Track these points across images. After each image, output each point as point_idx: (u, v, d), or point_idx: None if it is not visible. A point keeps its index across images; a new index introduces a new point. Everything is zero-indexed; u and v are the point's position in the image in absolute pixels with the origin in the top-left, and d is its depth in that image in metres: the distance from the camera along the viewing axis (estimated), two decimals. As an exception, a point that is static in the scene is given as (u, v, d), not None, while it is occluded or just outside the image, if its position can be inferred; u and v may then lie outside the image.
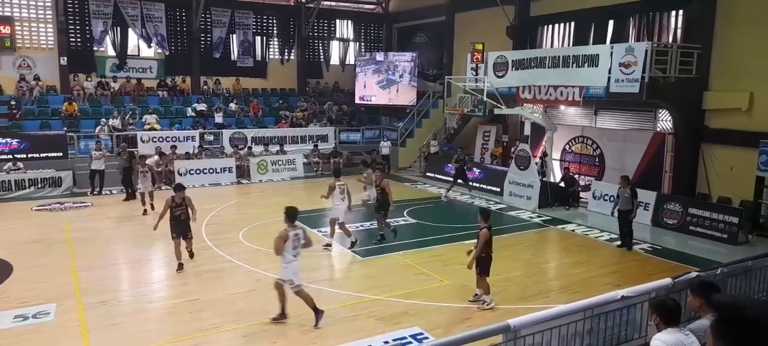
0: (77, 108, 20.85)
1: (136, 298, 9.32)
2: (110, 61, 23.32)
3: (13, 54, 21.23)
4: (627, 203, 12.23)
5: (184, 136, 21.04)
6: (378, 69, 26.20)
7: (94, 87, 22.58)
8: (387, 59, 26.26)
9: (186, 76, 24.80)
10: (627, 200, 12.23)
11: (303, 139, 23.34)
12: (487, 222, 8.82)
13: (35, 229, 13.38)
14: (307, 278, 9.87)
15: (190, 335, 7.76)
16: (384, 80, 25.96)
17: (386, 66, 26.00)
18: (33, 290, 9.25)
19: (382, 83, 26.04)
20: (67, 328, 7.92)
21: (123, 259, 11.63)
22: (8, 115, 19.82)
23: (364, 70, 26.67)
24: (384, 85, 25.98)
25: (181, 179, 19.20)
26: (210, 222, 14.13)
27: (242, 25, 25.81)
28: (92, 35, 22.61)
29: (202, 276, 10.17)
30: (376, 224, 12.84)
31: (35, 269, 10.37)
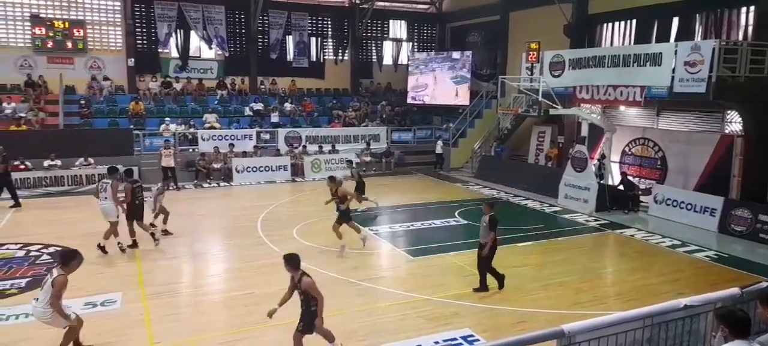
0: (143, 107, 21.90)
1: (195, 290, 9.71)
2: (173, 62, 24.35)
3: (85, 56, 22.52)
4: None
5: (242, 134, 21.72)
6: (430, 68, 26.12)
7: (158, 87, 23.64)
8: (440, 59, 26.13)
9: (244, 77, 25.56)
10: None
11: (355, 138, 23.58)
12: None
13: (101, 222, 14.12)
14: (359, 276, 10.01)
15: (246, 327, 8.01)
16: (437, 80, 25.86)
17: (439, 65, 25.88)
18: (101, 280, 9.78)
19: (434, 83, 25.95)
20: (131, 316, 8.33)
21: (184, 252, 12.10)
22: (80, 113, 21.05)
23: (417, 70, 26.65)
24: (436, 85, 25.88)
25: (239, 176, 19.91)
26: (265, 218, 14.50)
27: (298, 26, 26.35)
28: (157, 37, 23.68)
29: (258, 271, 10.46)
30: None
31: (103, 260, 10.95)
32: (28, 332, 7.68)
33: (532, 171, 20.09)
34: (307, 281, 6.50)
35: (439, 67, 25.81)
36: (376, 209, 15.75)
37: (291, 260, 6.65)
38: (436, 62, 26.07)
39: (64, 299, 8.86)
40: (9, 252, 11.28)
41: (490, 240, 9.16)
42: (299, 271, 6.62)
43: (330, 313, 8.46)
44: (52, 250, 11.43)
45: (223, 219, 15.12)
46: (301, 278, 6.53)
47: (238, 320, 8.31)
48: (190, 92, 23.95)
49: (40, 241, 11.95)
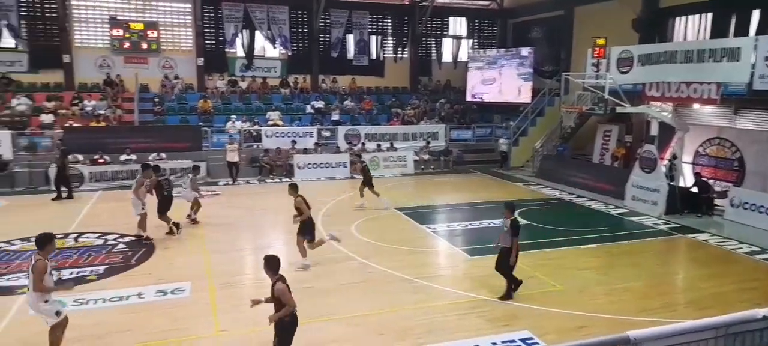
0: (211, 105, 22.83)
1: (258, 282, 10.02)
2: (239, 61, 25.20)
3: (158, 56, 23.67)
4: None
5: (304, 132, 22.23)
6: (491, 66, 25.74)
7: (225, 86, 24.55)
8: (501, 55, 25.69)
9: (306, 75, 26.12)
10: None
11: (414, 136, 23.60)
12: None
13: (174, 213, 14.85)
14: (415, 274, 10.03)
15: (307, 320, 8.16)
16: (497, 77, 25.45)
17: (500, 62, 25.46)
18: (171, 269, 10.31)
19: (494, 80, 25.55)
20: (199, 305, 8.73)
21: (248, 245, 12.53)
22: (153, 110, 22.21)
23: (477, 67, 26.33)
24: (498, 82, 25.47)
25: (300, 172, 20.38)
26: (325, 214, 14.78)
27: (359, 25, 26.64)
28: (225, 38, 24.58)
29: (318, 266, 10.68)
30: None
31: (174, 250, 11.53)
32: (105, 317, 8.20)
33: (596, 171, 19.41)
34: (280, 287, 6.19)
35: (501, 64, 25.39)
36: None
37: (269, 262, 6.36)
38: (498, 59, 25.65)
39: (135, 287, 9.43)
40: (88, 241, 12.07)
41: (514, 247, 8.78)
42: (276, 275, 6.31)
43: (384, 309, 8.59)
44: (127, 239, 12.13)
45: (284, 214, 15.46)
46: (276, 282, 6.22)
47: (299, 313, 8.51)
48: (254, 91, 24.74)
49: (116, 231, 12.70)
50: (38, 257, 6.65)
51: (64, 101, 21.34)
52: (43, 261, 6.63)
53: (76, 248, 11.49)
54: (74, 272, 10.03)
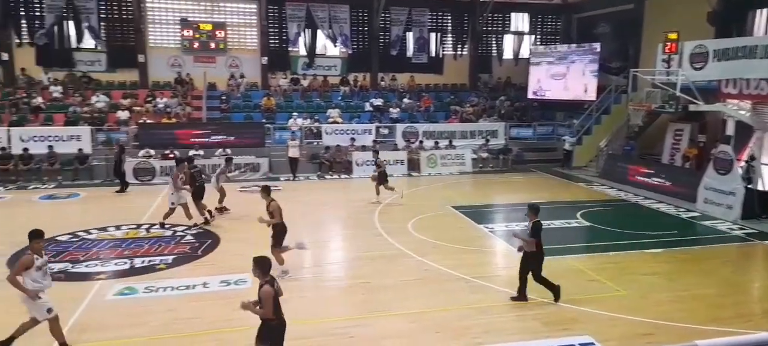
0: (274, 102, 23.50)
1: (317, 275, 10.27)
2: (301, 60, 25.78)
3: (225, 55, 24.61)
4: None
5: (362, 129, 22.49)
6: (554, 62, 25.05)
7: (287, 84, 25.19)
8: (565, 52, 24.94)
9: (365, 73, 26.39)
10: None
11: (472, 134, 23.35)
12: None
13: (239, 207, 15.42)
14: (473, 273, 9.93)
15: (363, 315, 8.33)
16: (560, 74, 24.74)
17: (564, 59, 24.73)
18: (234, 260, 10.70)
19: (558, 77, 24.85)
20: (260, 296, 9.00)
21: (308, 239, 12.79)
22: (220, 107, 23.11)
23: (539, 64, 25.70)
24: (560, 79, 24.76)
25: (358, 169, 20.62)
26: (382, 211, 14.90)
27: (418, 22, 26.62)
28: (288, 37, 25.20)
29: (374, 262, 10.79)
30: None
31: (237, 242, 11.96)
32: (175, 304, 8.62)
33: (666, 172, 18.52)
34: (265, 289, 5.91)
35: (571, 60, 24.62)
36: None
37: (259, 264, 6.07)
38: (561, 55, 24.93)
39: (201, 277, 9.84)
40: (159, 232, 12.72)
41: (533, 246, 8.49)
42: (266, 277, 6.01)
43: (441, 307, 8.56)
44: (194, 231, 12.70)
45: (342, 210, 15.77)
46: (264, 285, 5.94)
47: (355, 307, 8.66)
48: (315, 89, 25.24)
49: (184, 222, 13.30)
50: (27, 252, 6.87)
51: (138, 99, 22.56)
52: (31, 256, 6.74)
53: (147, 238, 12.14)
54: (145, 261, 10.61)
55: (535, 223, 8.52)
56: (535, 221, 8.53)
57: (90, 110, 21.19)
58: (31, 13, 22.29)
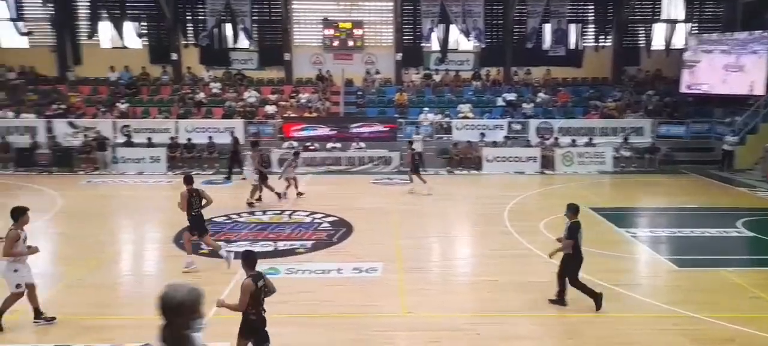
0: (406, 98, 23.99)
1: (444, 270, 10.36)
2: (434, 55, 25.97)
3: (361, 52, 25.61)
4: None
5: (493, 124, 22.11)
6: (715, 52, 22.40)
7: (420, 79, 25.55)
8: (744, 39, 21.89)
9: (499, 68, 25.87)
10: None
11: (614, 131, 21.83)
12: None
13: (371, 198, 16.06)
14: (612, 280, 9.33)
15: (490, 313, 8.25)
16: (724, 66, 22.04)
17: (727, 49, 22.01)
18: (366, 249, 11.16)
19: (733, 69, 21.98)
20: (389, 285, 9.32)
21: (436, 234, 12.97)
22: (356, 102, 24.13)
23: (696, 55, 23.17)
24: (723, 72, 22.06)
25: (488, 165, 20.34)
26: (512, 209, 14.56)
27: (557, 13, 25.43)
28: (421, 33, 25.53)
29: (503, 259, 10.61)
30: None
31: (369, 233, 12.45)
32: (312, 286, 9.23)
33: None
34: (244, 282, 5.89)
35: (728, 51, 21.92)
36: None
37: (246, 258, 6.07)
38: (724, 45, 22.21)
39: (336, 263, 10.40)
40: (299, 218, 13.66)
41: (568, 248, 8.03)
42: (251, 271, 5.96)
43: (573, 313, 8.17)
44: (331, 219, 13.44)
45: (471, 206, 15.68)
46: (247, 279, 5.90)
47: (482, 305, 8.60)
48: (447, 84, 25.30)
49: (322, 210, 14.15)
50: (12, 227, 7.51)
51: (284, 94, 24.35)
52: (16, 232, 7.46)
53: (289, 224, 13.11)
54: (287, 244, 11.47)
55: (573, 223, 8.15)
56: (573, 222, 8.16)
57: (243, 105, 23.30)
58: (196, 18, 25.01)
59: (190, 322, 2.85)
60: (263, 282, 5.96)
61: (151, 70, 25.09)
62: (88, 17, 24.44)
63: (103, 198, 16.40)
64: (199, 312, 2.87)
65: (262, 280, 5.97)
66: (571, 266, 8.18)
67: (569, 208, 8.35)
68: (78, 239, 11.99)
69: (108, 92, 23.84)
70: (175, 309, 2.81)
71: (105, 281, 9.60)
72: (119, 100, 23.06)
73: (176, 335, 2.82)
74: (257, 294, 5.88)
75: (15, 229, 7.54)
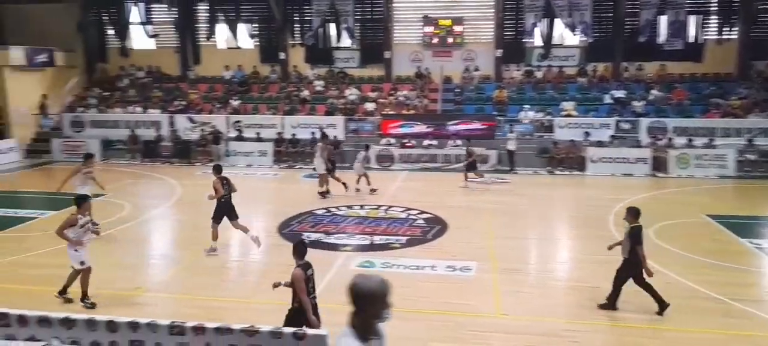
0: (505, 95, 23.48)
1: (541, 272, 10.07)
2: (536, 51, 25.14)
3: (461, 49, 25.41)
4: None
5: (599, 123, 21.03)
6: None
7: (520, 75, 24.88)
8: None
9: (607, 63, 24.52)
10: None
11: (738, 132, 19.90)
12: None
13: (466, 197, 15.94)
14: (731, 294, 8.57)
15: (589, 321, 7.91)
16: None
17: None
18: (461, 248, 11.12)
19: None
20: (483, 285, 9.23)
21: (532, 234, 12.62)
22: (454, 100, 24.01)
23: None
24: None
25: (592, 166, 19.41)
26: (619, 213, 13.75)
27: (675, 3, 23.53)
28: (524, 28, 24.83)
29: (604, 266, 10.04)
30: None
31: (463, 231, 12.39)
32: (407, 281, 9.36)
33: None
34: (295, 272, 6.14)
35: None
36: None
37: (295, 248, 6.38)
38: None
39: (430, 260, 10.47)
40: (394, 213, 13.89)
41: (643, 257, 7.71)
42: (300, 261, 6.27)
43: (683, 328, 7.61)
44: (426, 216, 13.52)
45: (572, 208, 15.08)
46: (296, 268, 6.17)
47: (580, 311, 8.26)
48: (549, 80, 24.40)
49: (417, 207, 14.27)
50: (72, 213, 8.46)
51: (383, 92, 24.79)
52: (74, 216, 8.34)
53: (385, 219, 13.38)
54: (383, 239, 11.71)
55: (635, 228, 7.78)
56: (634, 226, 7.80)
57: (344, 102, 24.04)
58: (303, 18, 26.13)
59: (380, 311, 3.03)
60: (312, 272, 6.36)
61: (261, 69, 26.59)
62: (207, 20, 26.38)
63: (216, 188, 17.70)
64: (388, 303, 3.04)
65: (311, 269, 6.36)
66: (629, 271, 7.94)
67: (629, 211, 8.02)
68: (193, 225, 13.07)
69: (223, 90, 25.64)
70: (368, 299, 3.00)
71: (216, 264, 10.38)
72: (232, 97, 24.72)
73: (366, 324, 3.04)
74: (306, 283, 6.24)
75: (75, 214, 8.45)
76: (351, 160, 21.01)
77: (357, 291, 3.02)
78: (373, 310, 3.02)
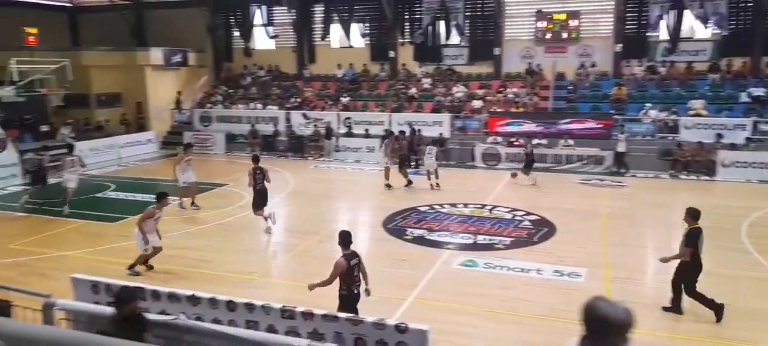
0: (625, 92, 22.04)
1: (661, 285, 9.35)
2: (662, 45, 23.29)
3: (576, 44, 24.24)
4: None
5: (734, 124, 19.08)
6: None
7: (642, 71, 23.22)
8: None
9: (744, 58, 22.13)
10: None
11: None
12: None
13: (577, 199, 15.23)
14: None
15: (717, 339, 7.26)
16: None
17: None
18: (569, 252, 10.66)
19: None
20: (593, 292, 8.69)
21: (651, 243, 11.78)
22: (566, 97, 22.98)
23: None
24: None
25: (724, 171, 17.72)
26: (754, 223, 12.48)
27: (832, -11, 20.71)
28: (647, 21, 23.13)
29: (736, 282, 9.19)
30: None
31: (573, 235, 11.86)
32: (510, 283, 9.21)
33: None
34: (338, 260, 6.56)
35: None
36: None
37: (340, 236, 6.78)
38: None
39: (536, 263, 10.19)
40: (499, 213, 13.63)
41: (686, 257, 7.57)
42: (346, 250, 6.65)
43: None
44: (532, 218, 13.14)
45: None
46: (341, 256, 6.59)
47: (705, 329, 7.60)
48: (675, 77, 22.51)
49: (524, 208, 13.90)
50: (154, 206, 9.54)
51: (491, 89, 24.36)
52: (153, 210, 9.42)
53: (489, 218, 13.19)
54: (486, 239, 11.56)
55: (692, 229, 7.63)
56: (693, 227, 7.64)
57: (451, 100, 23.96)
58: (413, 16, 26.39)
59: (619, 342, 2.62)
60: (357, 261, 6.62)
61: (371, 67, 27.27)
62: (322, 20, 27.54)
63: (326, 182, 18.51)
64: (630, 335, 2.64)
65: (356, 259, 6.63)
66: (687, 274, 7.73)
67: (688, 212, 7.82)
68: (305, 216, 13.78)
69: (335, 88, 26.66)
70: (611, 328, 2.59)
71: (324, 254, 10.86)
72: (342, 94, 25.62)
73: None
74: (349, 272, 6.54)
75: (154, 208, 9.55)
76: (456, 157, 21.06)
77: (599, 316, 2.61)
78: (613, 339, 2.60)
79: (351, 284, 6.59)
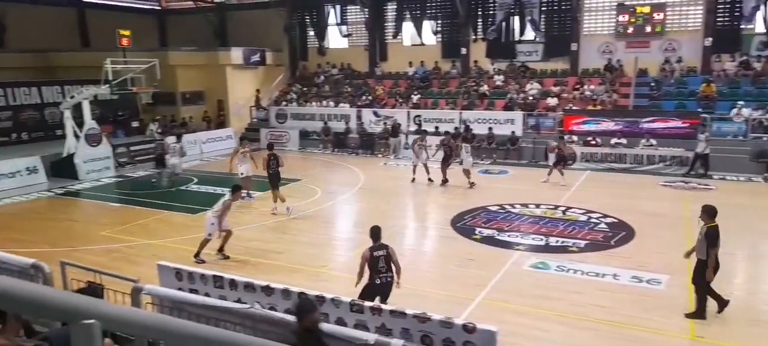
0: (714, 89, 20.61)
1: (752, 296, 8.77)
2: (757, 39, 21.57)
3: (660, 38, 22.93)
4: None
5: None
6: None
7: (735, 67, 21.61)
8: None
9: None
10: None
11: None
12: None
13: (658, 202, 14.44)
14: None
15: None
16: None
17: None
18: (649, 258, 10.14)
19: None
20: (674, 301, 8.31)
21: (742, 251, 10.95)
22: (649, 95, 21.79)
23: None
24: None
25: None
26: None
27: None
28: (741, 13, 21.50)
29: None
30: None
31: (653, 239, 11.26)
32: (582, 287, 8.89)
33: None
34: (364, 252, 7.08)
35: None
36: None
37: (371, 230, 7.28)
38: None
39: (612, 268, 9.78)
40: (574, 215, 13.16)
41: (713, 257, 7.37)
42: (375, 242, 7.11)
43: None
44: (609, 220, 12.60)
45: None
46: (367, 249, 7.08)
47: None
48: (773, 72, 20.80)
49: (600, 210, 13.35)
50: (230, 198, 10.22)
51: (567, 86, 23.54)
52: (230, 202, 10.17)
53: (563, 220, 12.78)
54: (559, 241, 11.21)
55: (711, 229, 7.46)
56: (710, 226, 7.48)
57: (524, 97, 23.39)
58: (486, 13, 25.98)
59: None
60: (383, 253, 7.00)
61: (442, 64, 27.12)
62: (394, 19, 27.71)
63: (394, 179, 18.62)
64: None
65: (382, 250, 7.03)
66: (703, 271, 7.52)
67: (705, 210, 7.72)
68: (373, 211, 13.95)
69: (406, 85, 26.74)
70: None
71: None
72: (413, 92, 25.65)
73: None
74: (373, 263, 6.95)
75: (231, 200, 10.26)
76: (528, 156, 20.55)
77: None
78: None
79: (374, 274, 7.01)
